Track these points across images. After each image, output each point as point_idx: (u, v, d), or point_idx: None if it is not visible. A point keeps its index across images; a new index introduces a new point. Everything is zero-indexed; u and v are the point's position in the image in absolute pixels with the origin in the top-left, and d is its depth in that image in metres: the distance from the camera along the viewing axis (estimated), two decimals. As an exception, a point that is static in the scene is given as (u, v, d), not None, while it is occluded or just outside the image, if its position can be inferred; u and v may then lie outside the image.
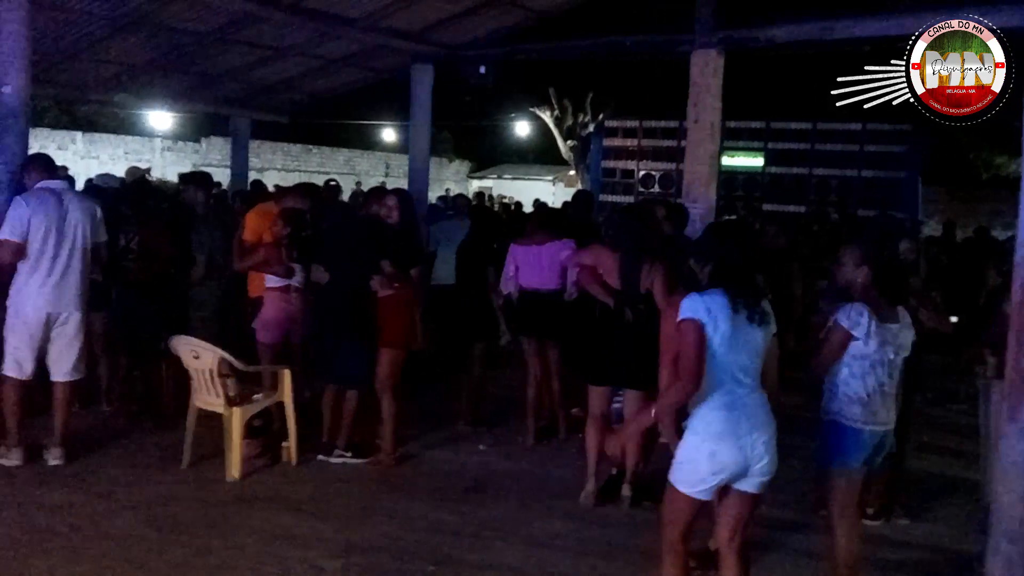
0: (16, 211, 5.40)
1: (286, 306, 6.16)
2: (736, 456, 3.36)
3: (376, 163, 33.23)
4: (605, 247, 5.45)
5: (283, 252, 6.10)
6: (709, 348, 3.36)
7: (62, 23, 7.88)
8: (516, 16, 10.14)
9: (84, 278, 5.62)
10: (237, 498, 5.17)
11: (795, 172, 15.06)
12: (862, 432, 3.93)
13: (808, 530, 4.98)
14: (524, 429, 6.51)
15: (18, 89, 6.36)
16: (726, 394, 3.39)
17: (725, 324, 3.36)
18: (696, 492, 3.46)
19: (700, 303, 3.38)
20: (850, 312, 3.92)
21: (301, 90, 12.67)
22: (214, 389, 5.49)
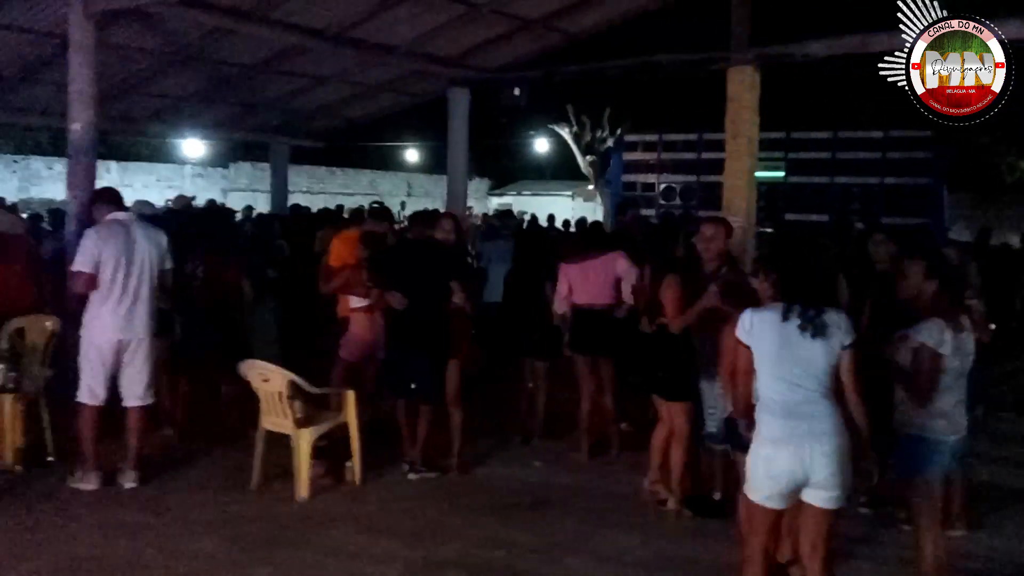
0: (87, 242, 5.59)
1: (372, 325, 6.34)
2: (792, 463, 3.42)
3: (398, 183, 33.46)
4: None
5: (365, 274, 6.30)
6: (758, 361, 3.50)
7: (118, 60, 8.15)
8: (551, 39, 10.35)
9: (152, 305, 5.80)
10: (308, 518, 5.29)
11: (816, 181, 15.03)
12: (946, 443, 3.97)
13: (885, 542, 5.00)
14: (577, 445, 6.57)
15: (86, 126, 6.63)
16: (782, 403, 3.48)
17: (771, 338, 3.47)
18: (762, 499, 3.53)
19: (746, 320, 3.56)
20: (932, 331, 3.90)
21: (338, 116, 12.93)
22: (283, 411, 5.62)
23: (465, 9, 9.09)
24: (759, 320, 3.53)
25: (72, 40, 6.65)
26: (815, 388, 3.48)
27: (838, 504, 3.54)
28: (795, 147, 14.97)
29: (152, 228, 6.05)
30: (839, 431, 3.48)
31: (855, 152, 14.46)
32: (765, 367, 3.50)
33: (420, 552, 4.83)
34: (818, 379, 3.49)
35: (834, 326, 3.50)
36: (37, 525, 5.06)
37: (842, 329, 3.52)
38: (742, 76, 8.40)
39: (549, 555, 4.86)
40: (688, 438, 5.34)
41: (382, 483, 5.89)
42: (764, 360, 3.51)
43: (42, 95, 10.11)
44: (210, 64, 9.77)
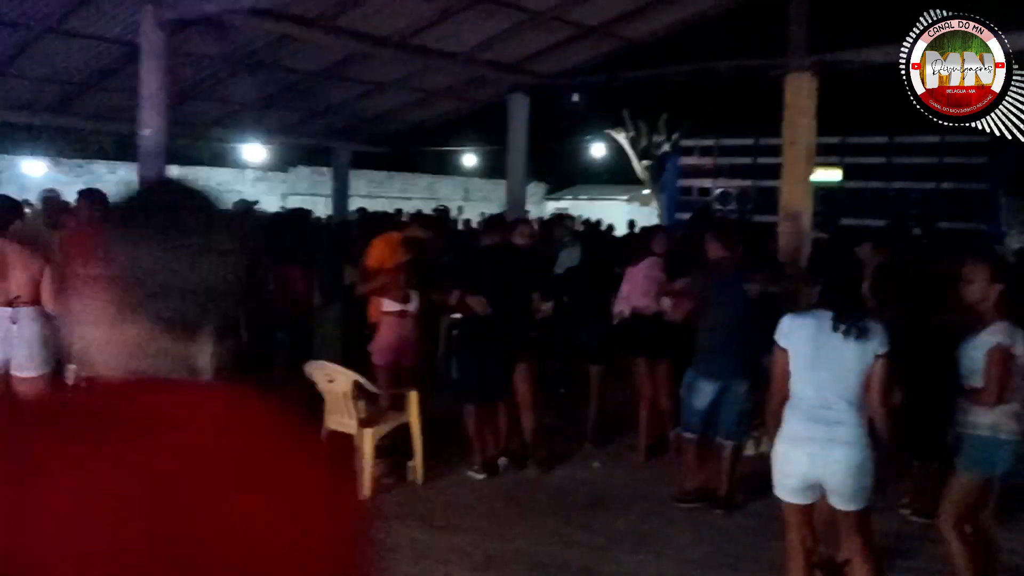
0: None
1: (400, 330, 6.37)
2: (804, 463, 3.54)
3: (456, 188, 33.68)
4: None
5: (401, 279, 6.38)
6: (793, 363, 3.61)
7: (186, 67, 8.40)
8: (610, 44, 10.37)
9: None
10: (372, 516, 5.40)
11: (873, 186, 14.84)
12: (1013, 443, 3.97)
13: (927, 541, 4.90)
14: (635, 446, 6.63)
15: (156, 131, 6.83)
16: (805, 405, 3.59)
17: (806, 343, 3.58)
18: (784, 494, 3.66)
19: (785, 326, 3.68)
20: (1008, 331, 3.89)
21: (400, 121, 13.10)
22: (347, 411, 5.72)
23: (527, 16, 9.16)
24: (798, 324, 3.65)
25: (144, 47, 6.87)
26: (842, 395, 3.56)
27: (857, 507, 3.60)
28: (852, 152, 14.83)
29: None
30: (858, 439, 3.55)
31: (912, 157, 14.27)
32: (798, 369, 3.60)
33: (483, 549, 4.91)
34: (846, 386, 3.56)
35: (871, 334, 3.57)
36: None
37: (878, 338, 3.59)
38: (800, 83, 8.34)
39: (608, 552, 4.92)
40: None
41: (443, 482, 5.98)
42: (798, 362, 3.61)
43: (110, 100, 10.41)
44: (275, 70, 9.99)
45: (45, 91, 10.20)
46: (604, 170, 35.92)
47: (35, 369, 5.14)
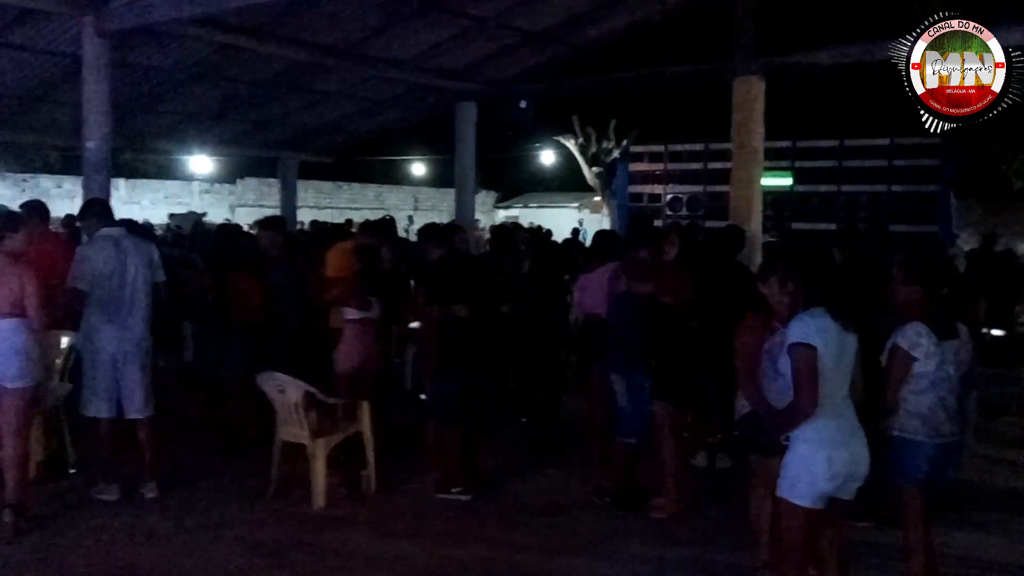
0: (79, 260, 5.65)
1: (362, 338, 6.38)
2: (847, 460, 3.56)
3: (405, 197, 33.63)
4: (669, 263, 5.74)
5: (359, 287, 6.38)
6: (821, 365, 3.51)
7: (130, 79, 8.29)
8: (556, 51, 10.45)
9: (146, 318, 5.83)
10: (325, 525, 5.37)
11: (823, 190, 15.01)
12: (923, 445, 3.97)
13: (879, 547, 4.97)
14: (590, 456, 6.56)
15: (100, 144, 6.73)
16: (833, 404, 3.57)
17: (833, 343, 3.54)
18: (814, 502, 3.57)
19: (811, 326, 3.53)
20: (908, 333, 3.95)
21: (347, 131, 13.06)
22: (299, 421, 5.69)
23: (470, 23, 9.21)
24: (819, 324, 3.55)
25: (86, 59, 6.78)
26: (847, 388, 3.63)
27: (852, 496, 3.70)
28: (801, 156, 14.96)
29: (142, 241, 6.09)
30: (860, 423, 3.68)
31: (862, 160, 14.43)
32: (827, 369, 3.53)
33: (435, 555, 4.92)
34: (849, 379, 3.64)
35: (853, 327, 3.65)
36: (63, 534, 5.16)
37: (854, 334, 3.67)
38: (748, 86, 8.47)
39: (560, 558, 4.93)
40: None
41: (396, 492, 5.96)
42: (828, 362, 3.52)
43: (54, 114, 10.25)
44: (221, 82, 9.91)
45: (-13, 106, 10.01)
46: (554, 177, 36.12)
47: (18, 380, 5.12)
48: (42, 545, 4.98)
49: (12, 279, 5.05)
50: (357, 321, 6.39)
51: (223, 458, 6.60)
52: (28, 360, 5.11)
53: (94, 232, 5.82)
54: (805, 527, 3.61)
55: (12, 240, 5.15)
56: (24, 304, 5.07)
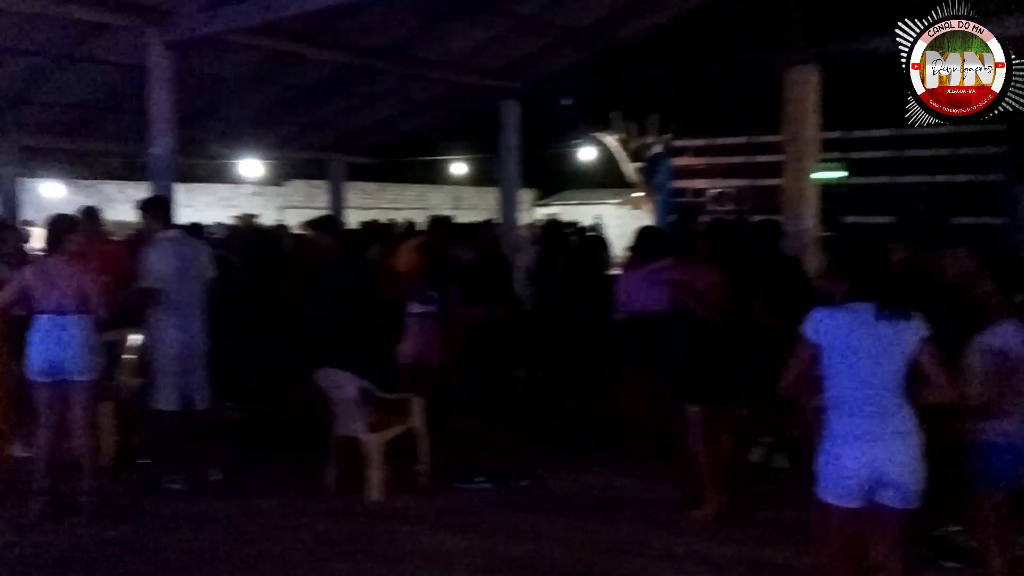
0: (147, 261, 5.96)
1: (423, 332, 6.59)
2: (863, 458, 3.39)
3: (445, 197, 33.75)
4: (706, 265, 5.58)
5: (423, 282, 6.60)
6: (827, 361, 3.45)
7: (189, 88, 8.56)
8: (599, 46, 10.47)
9: (205, 314, 6.15)
10: (383, 519, 5.51)
11: (879, 181, 14.47)
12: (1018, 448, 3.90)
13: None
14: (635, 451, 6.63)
15: (166, 150, 7.00)
16: (851, 400, 3.45)
17: (842, 336, 3.45)
18: (835, 498, 3.46)
19: (815, 318, 3.51)
20: (1003, 332, 3.86)
21: (391, 132, 13.24)
22: (355, 417, 5.86)
23: (515, 22, 9.29)
24: (830, 318, 3.50)
25: (152, 69, 7.04)
26: (887, 385, 3.45)
27: (910, 505, 3.47)
28: (856, 146, 14.39)
29: (198, 241, 6.43)
30: (914, 429, 3.45)
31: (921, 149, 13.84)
32: (834, 364, 3.47)
33: (487, 552, 4.99)
34: (892, 376, 3.45)
35: (911, 320, 3.47)
36: (140, 521, 5.42)
37: (916, 322, 3.48)
38: (801, 76, 8.14)
39: (611, 556, 4.96)
40: None
41: (450, 486, 6.06)
42: (834, 357, 3.46)
43: (119, 122, 10.63)
44: (273, 87, 10.16)
45: (61, 115, 10.47)
46: (594, 174, 35.99)
47: (85, 373, 5.42)
48: (121, 531, 5.23)
49: (73, 278, 5.36)
50: (418, 315, 6.60)
51: (275, 452, 6.83)
52: (91, 354, 5.42)
53: (155, 233, 6.09)
54: (830, 525, 3.52)
55: (72, 242, 5.46)
56: (85, 301, 5.37)
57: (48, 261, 5.53)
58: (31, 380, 5.43)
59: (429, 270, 6.60)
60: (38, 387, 5.43)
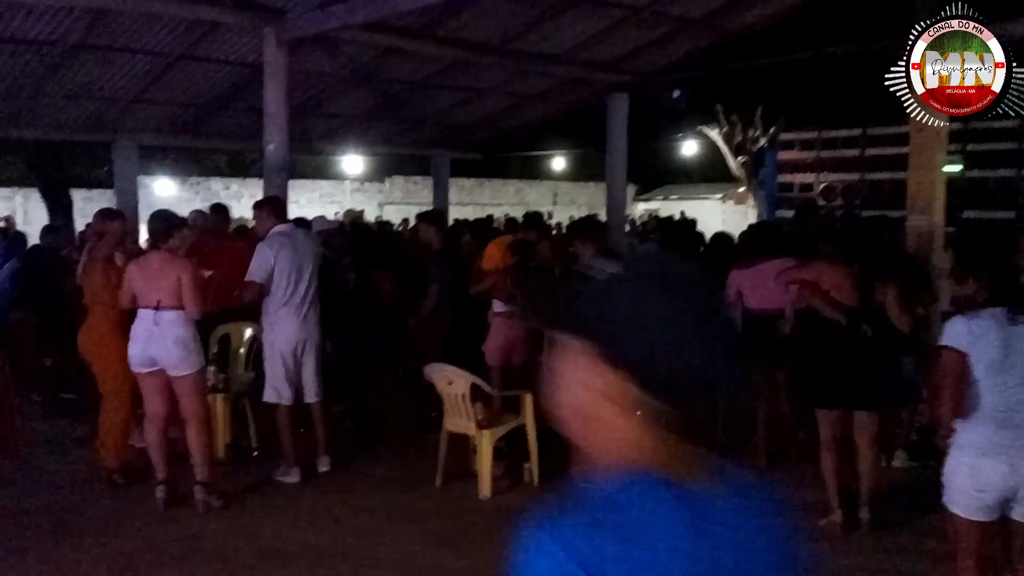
0: (260, 255, 5.96)
1: (508, 331, 6.51)
2: (1002, 474, 3.24)
3: (544, 192, 33.73)
4: (832, 263, 5.35)
5: (508, 280, 6.47)
6: (975, 373, 3.29)
7: (300, 85, 8.69)
8: (711, 37, 10.19)
9: (318, 309, 6.18)
10: (494, 516, 5.39)
11: (1001, 175, 13.81)
12: None
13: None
14: (755, 453, 6.39)
15: (279, 147, 7.08)
16: (998, 410, 3.28)
17: (993, 346, 3.27)
18: (968, 512, 3.33)
19: (963, 328, 3.33)
20: None
21: (493, 127, 13.21)
22: (465, 413, 5.82)
23: (624, 13, 9.09)
24: (978, 325, 3.32)
25: (267, 66, 7.15)
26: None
27: None
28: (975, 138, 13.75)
29: (310, 238, 6.43)
30: None
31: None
32: (982, 375, 3.30)
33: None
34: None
35: None
36: (252, 512, 5.49)
37: None
38: None
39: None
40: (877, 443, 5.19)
41: (560, 484, 5.96)
42: (981, 367, 3.30)
43: (229, 120, 10.88)
44: (379, 83, 10.23)
45: (176, 114, 10.77)
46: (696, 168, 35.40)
47: (182, 369, 5.50)
48: (234, 521, 5.30)
49: (172, 274, 5.41)
50: (502, 314, 6.50)
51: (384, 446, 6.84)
52: (187, 350, 5.45)
53: (270, 228, 6.12)
54: (964, 539, 3.38)
55: (174, 239, 5.55)
56: (182, 298, 5.41)
57: (149, 257, 5.63)
58: (135, 372, 5.56)
59: (516, 268, 6.44)
60: (141, 378, 5.57)
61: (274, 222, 6.15)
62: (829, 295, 5.17)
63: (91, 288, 5.97)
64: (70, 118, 10.36)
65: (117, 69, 9.05)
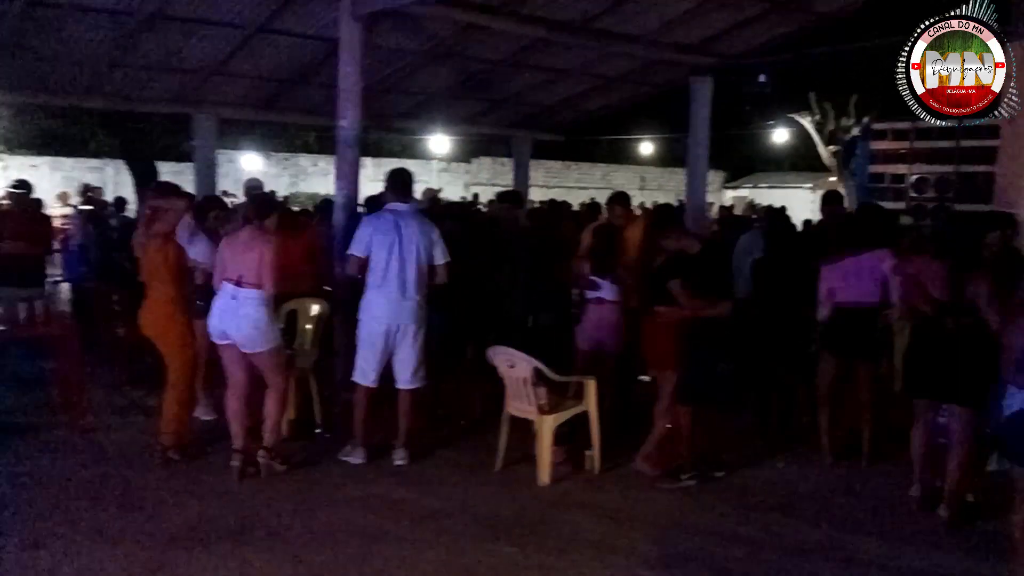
0: (362, 230, 5.88)
1: (596, 316, 6.38)
2: None
3: (632, 177, 33.38)
4: (927, 256, 5.35)
5: (587, 265, 6.36)
6: None
7: (379, 61, 8.69)
8: (798, 20, 9.82)
9: (420, 293, 5.96)
10: (550, 503, 5.39)
11: None
12: None
13: None
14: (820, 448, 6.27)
15: (352, 123, 7.08)
16: None
17: None
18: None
19: None
20: None
21: (579, 109, 13.05)
22: (527, 397, 5.75)
23: (715, -9, 8.84)
24: None
25: (342, 40, 7.14)
26: None
27: None
28: None
29: (426, 221, 6.12)
30: None
31: None
32: None
33: (660, 544, 4.80)
34: None
35: None
36: (312, 491, 5.50)
37: None
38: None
39: (798, 558, 4.69)
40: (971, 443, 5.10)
41: (620, 473, 5.88)
42: None
43: (311, 96, 10.96)
44: (460, 61, 10.19)
45: (256, 88, 10.88)
46: (785, 156, 34.55)
47: (254, 346, 5.58)
48: (289, 501, 5.31)
49: (256, 250, 5.48)
50: (593, 300, 6.39)
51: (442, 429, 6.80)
52: (258, 329, 5.52)
53: (386, 204, 6.03)
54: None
55: (271, 220, 5.65)
56: (260, 276, 5.47)
57: (240, 234, 5.71)
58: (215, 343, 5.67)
59: (596, 254, 6.31)
60: (220, 349, 5.68)
61: (394, 198, 6.00)
62: (925, 288, 5.16)
63: (149, 265, 5.92)
64: (149, 90, 10.51)
65: (196, 41, 9.16)
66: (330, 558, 4.51)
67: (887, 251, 5.98)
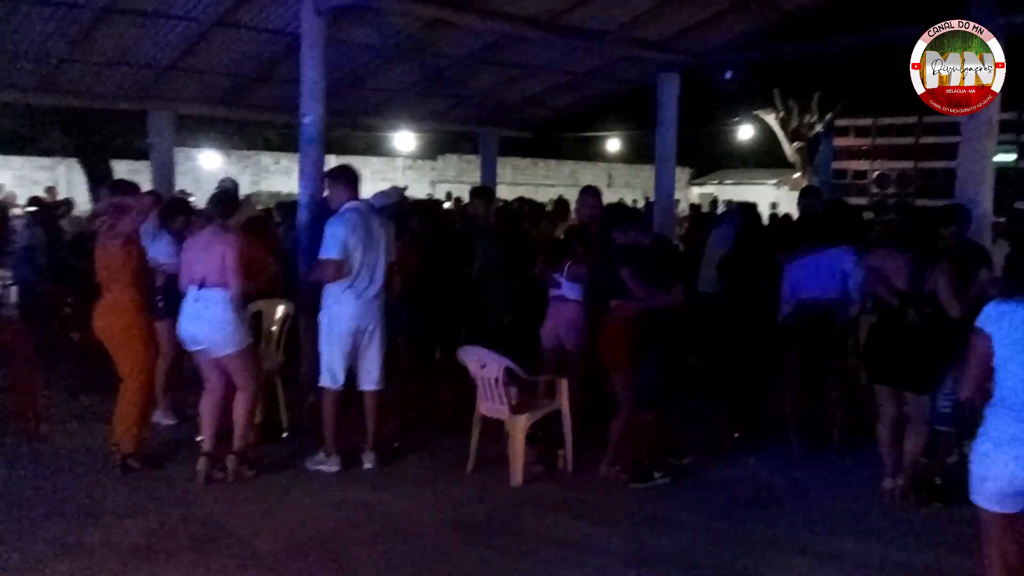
0: (337, 230, 5.54)
1: (556, 315, 6.30)
2: (1012, 466, 3.21)
3: (599, 174, 33.47)
4: (892, 249, 5.44)
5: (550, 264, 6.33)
6: (1000, 353, 3.28)
7: (342, 57, 8.54)
8: (765, 18, 9.84)
9: (383, 293, 5.85)
10: (523, 503, 5.34)
11: None
12: None
13: None
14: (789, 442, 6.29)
15: (316, 119, 6.95)
16: (1013, 401, 3.25)
17: (1017, 333, 3.24)
18: (984, 501, 3.33)
19: (992, 311, 3.35)
20: None
21: (545, 106, 12.98)
22: (498, 397, 5.69)
23: (681, -12, 8.81)
24: (1009, 310, 3.31)
25: (304, 36, 7.01)
26: None
27: None
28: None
29: (384, 217, 6.01)
30: None
31: None
32: (1004, 361, 3.28)
33: (635, 543, 4.78)
34: None
35: None
36: (276, 497, 5.38)
37: None
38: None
39: (766, 553, 4.69)
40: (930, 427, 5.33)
41: (593, 472, 5.83)
42: (1008, 353, 3.27)
43: (273, 92, 10.74)
44: (426, 57, 10.06)
45: (215, 84, 10.59)
46: (751, 153, 34.83)
47: (223, 349, 5.48)
48: (257, 507, 5.20)
49: (217, 250, 5.38)
50: (555, 298, 6.34)
51: (418, 428, 6.71)
52: (225, 331, 5.44)
53: (343, 202, 5.74)
54: (984, 527, 3.39)
55: (235, 218, 5.60)
56: (226, 277, 5.37)
57: (201, 234, 5.60)
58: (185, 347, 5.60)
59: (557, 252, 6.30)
60: (195, 354, 5.63)
61: (348, 195, 5.75)
62: (888, 280, 5.27)
63: (108, 265, 5.65)
64: (103, 85, 10.18)
65: (150, 35, 8.88)
66: (301, 566, 4.41)
67: (848, 248, 6.00)
